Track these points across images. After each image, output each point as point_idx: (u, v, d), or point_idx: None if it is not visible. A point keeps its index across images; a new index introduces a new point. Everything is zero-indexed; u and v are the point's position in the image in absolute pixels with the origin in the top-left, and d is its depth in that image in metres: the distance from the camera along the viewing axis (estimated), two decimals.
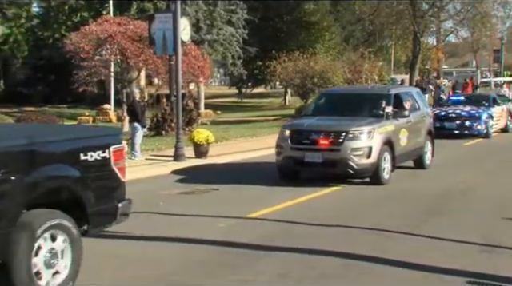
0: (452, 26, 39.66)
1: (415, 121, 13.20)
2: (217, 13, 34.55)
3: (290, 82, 32.41)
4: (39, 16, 36.11)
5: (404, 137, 12.47)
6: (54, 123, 16.15)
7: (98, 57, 23.05)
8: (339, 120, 12.00)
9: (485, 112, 20.97)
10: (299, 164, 11.65)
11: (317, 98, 14.54)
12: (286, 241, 7.66)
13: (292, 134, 11.77)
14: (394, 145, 11.92)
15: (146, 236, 7.88)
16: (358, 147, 11.17)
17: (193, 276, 6.40)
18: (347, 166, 11.14)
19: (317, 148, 11.34)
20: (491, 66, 58.80)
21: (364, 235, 8.01)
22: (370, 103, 12.73)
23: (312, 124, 12.09)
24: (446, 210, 9.59)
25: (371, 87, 16.66)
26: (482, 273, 6.25)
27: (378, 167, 11.35)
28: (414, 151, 13.21)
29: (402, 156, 12.48)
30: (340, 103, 13.11)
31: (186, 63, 20.46)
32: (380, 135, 11.47)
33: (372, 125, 11.50)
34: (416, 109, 13.56)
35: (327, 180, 11.76)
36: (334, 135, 11.30)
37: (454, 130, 20.47)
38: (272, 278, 6.34)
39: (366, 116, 12.09)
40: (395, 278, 6.27)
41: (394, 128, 12.09)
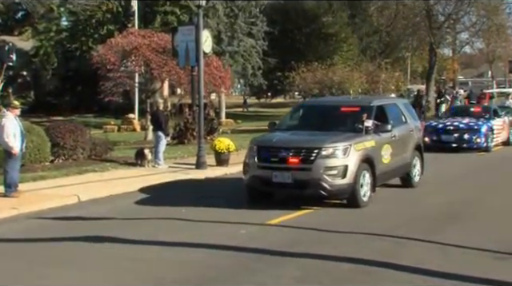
0: (467, 38, 40.12)
1: (401, 136, 11.94)
2: (237, 25, 35.41)
3: (308, 92, 33.15)
4: (68, 29, 37.21)
5: (387, 153, 11.24)
6: (82, 131, 16.92)
7: (123, 69, 23.87)
8: (313, 135, 10.80)
9: (484, 124, 19.50)
10: (266, 185, 10.35)
11: (293, 110, 13.03)
12: (303, 247, 7.80)
13: (259, 151, 10.50)
14: (375, 163, 10.68)
15: (168, 242, 8.13)
16: (331, 166, 9.96)
17: (212, 281, 6.57)
18: (319, 187, 9.90)
19: (286, 167, 10.09)
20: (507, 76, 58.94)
21: (379, 241, 8.12)
22: (349, 116, 11.47)
23: (281, 139, 10.80)
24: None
25: (353, 98, 15.10)
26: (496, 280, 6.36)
27: (355, 188, 10.12)
28: (400, 168, 11.96)
29: (385, 174, 11.26)
30: (317, 116, 11.96)
31: (208, 74, 20.95)
32: (357, 152, 10.25)
33: (348, 141, 10.25)
34: (402, 123, 12.36)
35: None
36: (305, 152, 10.12)
37: (451, 143, 19.20)
38: (290, 282, 6.47)
39: (344, 130, 10.91)
40: (411, 284, 6.34)
41: (375, 143, 10.83)
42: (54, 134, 16.03)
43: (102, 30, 33.61)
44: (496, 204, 10.85)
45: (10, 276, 6.98)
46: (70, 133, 16.24)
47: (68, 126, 16.73)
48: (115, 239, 8.49)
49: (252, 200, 10.82)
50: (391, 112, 12.08)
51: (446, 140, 19.26)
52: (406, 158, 12.17)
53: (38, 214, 10.44)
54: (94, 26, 34.19)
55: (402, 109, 12.78)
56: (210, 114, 23.18)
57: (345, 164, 10.05)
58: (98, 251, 7.96)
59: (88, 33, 34.31)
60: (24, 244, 8.53)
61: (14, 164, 11.70)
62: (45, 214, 10.45)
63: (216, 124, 23.67)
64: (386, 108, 12.02)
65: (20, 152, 11.85)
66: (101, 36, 32.33)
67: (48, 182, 13.19)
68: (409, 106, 13.62)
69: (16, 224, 9.81)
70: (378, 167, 10.83)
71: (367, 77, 32.09)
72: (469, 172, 15.44)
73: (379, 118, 11.37)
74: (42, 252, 8.02)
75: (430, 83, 36.43)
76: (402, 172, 12.23)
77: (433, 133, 19.45)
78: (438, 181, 13.25)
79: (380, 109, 11.69)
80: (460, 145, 19.14)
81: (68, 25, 38.12)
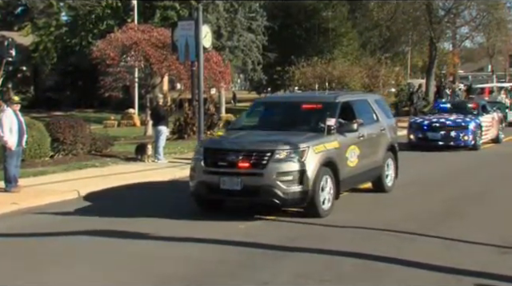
0: (468, 32, 40.10)
1: (371, 136, 10.92)
2: (237, 20, 35.37)
3: (308, 87, 33.23)
4: (67, 24, 37.12)
5: (354, 155, 10.21)
6: (82, 126, 16.95)
7: (123, 64, 23.93)
8: (268, 136, 9.76)
9: (472, 121, 18.49)
10: (214, 192, 9.30)
11: (251, 108, 11.94)
12: (304, 243, 7.81)
13: (206, 154, 9.48)
14: (338, 167, 9.63)
15: (168, 237, 8.17)
16: (285, 171, 8.89)
17: (213, 276, 6.60)
18: (272, 195, 8.89)
19: (235, 172, 9.06)
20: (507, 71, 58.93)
21: (382, 236, 8.13)
22: (311, 114, 10.47)
23: (231, 141, 9.89)
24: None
25: (318, 94, 13.67)
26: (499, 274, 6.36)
27: (314, 195, 9.06)
28: (370, 172, 10.88)
29: (352, 179, 10.20)
30: (276, 114, 10.97)
31: (208, 69, 21.00)
32: (317, 155, 9.17)
33: (306, 143, 9.19)
34: (373, 121, 11.29)
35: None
36: (257, 155, 9.04)
37: (438, 141, 18.25)
38: (291, 278, 6.46)
39: (305, 130, 9.87)
40: (412, 278, 6.37)
41: (339, 145, 9.77)
42: (54, 129, 16.05)
43: (101, 25, 33.53)
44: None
45: (10, 272, 7.00)
46: (69, 128, 16.26)
47: (68, 121, 16.76)
48: (116, 234, 8.52)
49: (202, 208, 9.84)
50: (359, 109, 11.00)
51: (432, 137, 18.34)
52: (376, 160, 11.08)
53: (38, 209, 10.47)
54: (93, 21, 34.11)
55: (372, 105, 11.63)
56: (210, 109, 23.21)
57: (301, 168, 8.96)
58: (98, 246, 7.98)
59: (88, 28, 34.23)
60: (24, 240, 8.54)
61: (11, 159, 11.70)
62: (45, 209, 10.47)
63: (216, 119, 23.71)
64: (354, 105, 10.94)
65: (18, 147, 11.86)
66: (100, 31, 32.27)
67: (48, 177, 13.21)
68: (382, 102, 12.35)
69: (16, 219, 9.84)
70: (343, 171, 9.77)
71: (367, 72, 32.17)
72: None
73: (345, 116, 10.37)
74: (42, 247, 8.04)
75: (430, 77, 36.44)
76: (373, 176, 11.13)
77: (418, 130, 18.68)
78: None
79: (346, 106, 10.64)
80: (447, 143, 18.21)
81: (67, 20, 38.03)
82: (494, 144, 20.15)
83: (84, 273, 6.87)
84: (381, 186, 11.43)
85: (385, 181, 11.44)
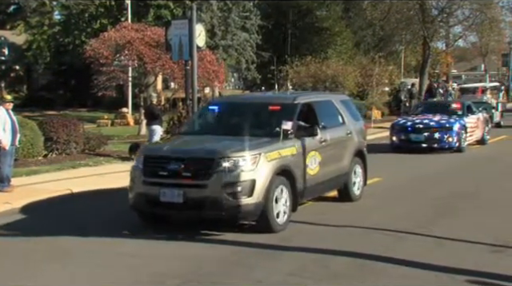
0: (461, 31, 40.20)
1: (335, 140, 10.01)
2: (231, 19, 35.44)
3: (302, 86, 33.27)
4: (60, 23, 37.10)
5: (314, 162, 9.30)
6: (76, 125, 16.92)
7: (116, 63, 23.90)
8: (216, 141, 8.86)
9: (457, 122, 17.79)
10: (154, 205, 8.36)
11: (202, 110, 11.07)
12: (297, 241, 7.82)
13: (146, 162, 8.53)
14: (296, 175, 8.75)
15: (164, 236, 8.18)
16: (233, 181, 7.94)
17: (207, 275, 6.58)
18: (218, 208, 7.94)
19: (177, 183, 8.12)
20: (500, 70, 59.24)
21: (376, 235, 8.14)
22: (267, 117, 9.48)
23: (173, 147, 8.91)
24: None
25: (277, 94, 12.70)
26: (492, 273, 6.40)
27: (266, 208, 8.13)
28: (334, 179, 10.00)
29: (312, 188, 9.30)
30: (230, 117, 9.99)
31: (202, 68, 21.05)
32: (270, 162, 8.26)
33: (257, 149, 8.25)
34: (338, 124, 10.42)
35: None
36: (201, 164, 8.10)
37: (421, 143, 17.55)
38: (284, 277, 6.43)
39: (260, 134, 8.88)
40: (407, 277, 6.36)
41: (297, 151, 8.88)
42: (47, 128, 16.01)
43: (95, 24, 33.54)
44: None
45: (3, 272, 6.96)
46: (63, 128, 16.23)
47: (61, 120, 16.73)
48: (110, 233, 8.51)
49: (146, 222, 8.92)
50: (322, 111, 10.05)
51: (416, 139, 17.62)
52: (342, 167, 10.18)
53: (32, 208, 10.42)
54: (86, 20, 34.13)
55: (338, 107, 10.68)
56: None
57: (251, 178, 8.00)
58: (91, 245, 7.96)
59: (81, 27, 34.23)
60: (17, 239, 8.51)
61: (5, 158, 11.66)
62: (38, 208, 10.43)
63: None
64: (316, 106, 9.95)
65: (11, 146, 11.82)
66: (94, 30, 32.28)
67: (41, 176, 13.17)
68: (349, 103, 11.39)
69: (9, 218, 9.79)
70: (301, 180, 8.90)
71: (361, 71, 32.22)
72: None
73: (306, 119, 9.49)
74: (36, 247, 8.01)
75: (423, 77, 36.54)
76: (338, 184, 10.24)
77: (401, 131, 17.97)
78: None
79: (307, 108, 9.71)
80: (430, 145, 17.53)
81: (61, 19, 38.02)
82: (480, 145, 19.55)
83: (78, 273, 6.84)
84: (347, 195, 10.44)
85: (352, 189, 10.47)
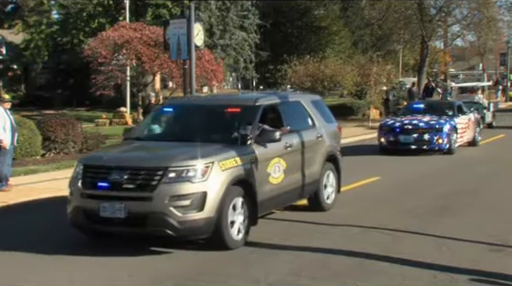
0: (459, 31, 40.29)
1: (303, 145, 9.12)
2: (229, 18, 35.45)
3: (300, 85, 33.26)
4: (58, 22, 37.07)
5: (278, 170, 8.45)
6: (74, 125, 16.89)
7: (114, 62, 23.96)
8: (165, 148, 8.07)
9: (447, 122, 17.19)
10: (93, 221, 7.45)
11: (155, 112, 9.88)
12: (296, 240, 7.77)
13: (86, 172, 7.62)
14: (256, 185, 7.87)
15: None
16: (181, 194, 7.10)
17: (205, 274, 6.55)
18: (163, 224, 7.07)
19: (117, 196, 7.25)
20: (498, 69, 59.36)
21: (374, 234, 8.11)
22: (225, 121, 8.69)
23: (116, 155, 8.04)
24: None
25: (238, 96, 11.53)
26: (490, 272, 6.41)
27: (220, 223, 7.27)
28: (302, 188, 9.13)
29: (276, 198, 8.45)
30: (185, 120, 9.09)
31: (200, 67, 21.10)
32: (224, 172, 7.39)
33: (210, 157, 7.37)
34: (307, 127, 9.53)
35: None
36: (145, 174, 7.26)
37: (410, 145, 16.92)
38: (283, 276, 6.42)
39: (216, 140, 8.03)
40: (405, 277, 6.35)
41: (257, 158, 7.98)
42: (45, 128, 16.00)
43: (93, 23, 33.51)
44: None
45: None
46: (61, 127, 16.21)
47: (59, 120, 16.71)
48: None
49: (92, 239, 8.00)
50: (289, 113, 9.17)
51: (404, 140, 16.99)
52: (311, 174, 9.27)
53: (29, 208, 10.40)
54: (84, 19, 34.09)
55: (307, 108, 9.77)
56: None
57: (202, 190, 7.16)
58: (90, 245, 7.94)
59: (79, 26, 34.20)
60: (14, 239, 8.49)
61: (4, 157, 11.66)
62: (36, 208, 10.41)
63: None
64: (282, 108, 9.07)
65: (11, 145, 11.82)
66: (92, 29, 32.26)
67: (39, 176, 13.16)
68: (320, 104, 10.42)
69: (6, 218, 9.77)
70: (262, 190, 8.01)
71: (359, 70, 32.21)
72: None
73: (271, 122, 8.68)
74: (33, 247, 7.98)
75: (421, 76, 36.58)
76: (306, 193, 9.37)
77: (389, 132, 17.32)
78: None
79: (271, 110, 8.88)
80: (420, 147, 16.90)
81: (59, 18, 37.97)
82: (471, 147, 18.83)
83: (75, 273, 6.83)
84: (318, 203, 9.61)
85: (323, 198, 9.66)
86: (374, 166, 14.70)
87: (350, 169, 14.24)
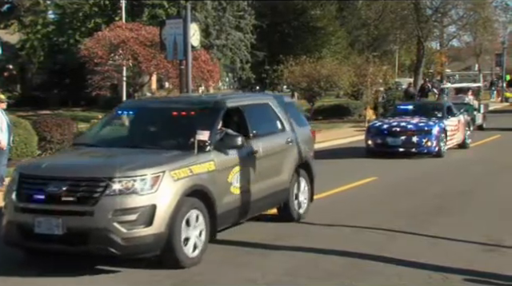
0: (455, 31, 40.46)
1: (271, 151, 8.34)
2: (225, 18, 35.42)
3: (296, 86, 33.28)
4: (54, 22, 37.03)
5: (241, 178, 7.70)
6: (70, 125, 16.87)
7: (110, 62, 23.96)
8: (112, 156, 7.32)
9: (436, 124, 16.69)
10: (28, 238, 6.64)
11: (108, 115, 8.99)
12: (290, 240, 7.79)
13: (21, 182, 6.83)
14: (214, 197, 7.11)
15: None
16: (126, 207, 6.38)
17: (200, 274, 6.54)
18: (106, 242, 6.35)
19: (55, 210, 6.49)
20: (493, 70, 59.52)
21: (369, 234, 8.13)
22: (183, 125, 7.82)
23: (56, 164, 7.22)
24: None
25: (199, 97, 10.32)
26: (484, 272, 6.44)
27: (172, 240, 6.55)
28: (270, 197, 8.33)
29: (239, 209, 7.70)
30: (140, 124, 8.36)
31: (196, 67, 21.14)
32: (177, 182, 6.67)
33: (160, 166, 6.65)
34: (276, 131, 8.79)
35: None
36: (86, 186, 6.51)
37: (398, 147, 16.38)
38: (279, 276, 6.43)
39: (171, 146, 7.32)
40: (400, 277, 6.38)
41: (216, 166, 7.24)
42: (40, 128, 15.96)
43: (89, 24, 33.46)
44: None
45: None
46: (57, 127, 16.18)
47: (55, 120, 16.68)
48: None
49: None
50: (255, 116, 8.40)
51: (392, 143, 16.41)
52: (280, 182, 8.55)
53: None
54: (81, 20, 34.04)
55: (277, 111, 8.98)
56: None
57: (151, 203, 6.44)
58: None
59: (75, 26, 34.15)
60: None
61: (1, 158, 11.63)
62: None
63: None
64: (247, 110, 8.29)
65: (8, 146, 11.80)
66: (88, 29, 32.21)
67: None
68: (292, 107, 9.75)
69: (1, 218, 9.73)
70: (223, 201, 7.29)
71: (355, 71, 32.25)
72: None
73: (235, 126, 8.08)
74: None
75: (417, 76, 36.69)
76: (275, 202, 8.67)
77: (377, 135, 16.77)
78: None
79: (234, 113, 8.20)
80: (408, 150, 16.36)
81: (55, 18, 37.91)
82: (461, 149, 18.31)
83: (72, 273, 6.81)
84: (288, 213, 8.89)
85: (294, 207, 8.92)
86: (368, 167, 14.72)
87: (345, 170, 14.40)
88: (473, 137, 19.88)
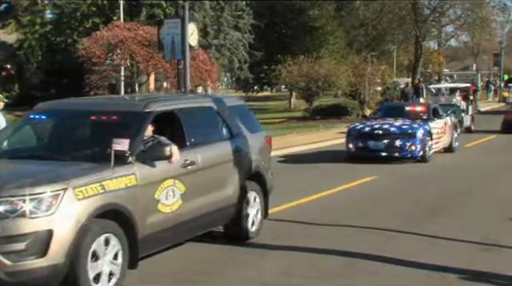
0: (453, 31, 40.59)
1: (212, 161, 7.24)
2: (224, 18, 35.40)
3: (295, 85, 33.33)
4: (52, 22, 37.03)
5: (173, 194, 6.56)
6: None
7: (108, 62, 23.92)
8: (7, 169, 6.19)
9: (421, 127, 15.66)
10: None
11: (19, 121, 7.84)
12: (287, 240, 7.79)
13: None
14: (134, 217, 5.99)
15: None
16: (12, 234, 5.28)
17: (197, 274, 6.53)
18: None
19: None
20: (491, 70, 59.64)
21: (367, 234, 8.13)
22: (101, 132, 6.73)
23: None
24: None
25: (122, 99, 9.02)
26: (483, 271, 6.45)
27: (74, 271, 5.47)
28: (212, 214, 7.24)
29: (172, 230, 6.60)
30: (53, 131, 7.25)
31: (194, 67, 21.13)
32: (82, 202, 5.55)
33: (60, 182, 5.50)
34: (219, 139, 7.69)
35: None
36: None
37: (380, 152, 15.37)
38: (275, 276, 6.44)
39: (84, 157, 6.28)
40: (398, 276, 6.39)
41: (138, 181, 6.09)
42: None
43: (87, 23, 33.44)
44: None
45: None
46: None
47: None
48: None
49: None
50: (194, 122, 7.32)
51: (374, 147, 15.42)
52: (224, 197, 7.43)
53: None
54: (78, 19, 34.02)
55: (224, 115, 7.86)
56: None
57: (45, 228, 5.34)
58: None
59: (73, 26, 34.13)
60: None
61: None
62: None
63: None
64: (184, 115, 7.12)
65: None
66: (86, 29, 32.19)
67: None
68: (242, 110, 8.58)
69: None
70: (147, 222, 6.17)
71: (353, 71, 32.29)
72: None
73: (169, 133, 6.97)
74: None
75: (415, 76, 36.73)
76: (219, 220, 7.56)
77: (358, 138, 15.73)
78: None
79: (168, 118, 7.04)
80: (391, 154, 15.35)
81: (52, 18, 37.89)
82: (447, 153, 17.33)
83: None
84: (236, 231, 7.77)
85: (244, 225, 7.75)
86: (366, 167, 14.72)
87: (343, 170, 14.39)
88: (460, 140, 18.83)
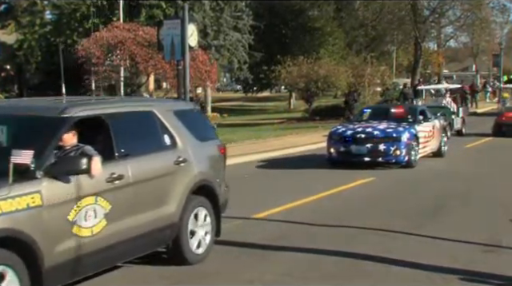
0: (452, 32, 40.66)
1: (147, 175, 6.27)
2: (223, 19, 35.42)
3: (294, 86, 33.38)
4: (52, 23, 37.08)
5: (94, 215, 5.62)
6: None
7: (108, 63, 23.97)
8: None
9: (406, 130, 14.65)
10: None
11: None
12: (290, 242, 7.75)
13: None
14: (37, 244, 5.02)
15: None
16: None
17: (197, 275, 6.52)
18: None
19: None
20: (491, 70, 59.70)
21: (367, 235, 8.11)
22: (4, 142, 5.69)
23: None
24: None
25: (39, 102, 7.03)
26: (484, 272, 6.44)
27: None
28: (146, 237, 6.26)
29: (94, 256, 5.63)
30: None
31: (194, 68, 21.17)
32: None
33: None
34: (159, 149, 6.66)
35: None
36: None
37: (363, 157, 14.42)
38: (277, 277, 6.40)
39: None
40: (398, 277, 6.35)
41: (45, 200, 5.13)
42: None
43: (86, 24, 33.46)
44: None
45: None
46: None
47: None
48: None
49: None
50: (128, 129, 6.38)
51: (357, 152, 14.45)
52: (163, 216, 6.46)
53: None
54: (78, 20, 34.06)
55: (165, 121, 6.85)
56: None
57: None
58: None
59: (72, 26, 34.17)
60: None
61: None
62: None
63: None
64: (114, 121, 6.15)
65: None
66: (85, 30, 32.21)
67: None
68: (190, 116, 7.44)
69: None
70: (56, 249, 5.23)
71: (353, 71, 32.32)
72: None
73: (97, 142, 6.03)
74: None
75: (415, 77, 36.77)
76: (155, 244, 6.57)
77: (339, 142, 14.76)
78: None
79: (94, 125, 6.10)
80: (374, 159, 14.39)
81: (52, 18, 37.92)
82: (436, 158, 16.37)
83: None
84: (179, 253, 6.77)
85: (187, 246, 6.79)
86: (366, 167, 14.70)
87: (342, 170, 14.35)
88: (450, 144, 17.91)
